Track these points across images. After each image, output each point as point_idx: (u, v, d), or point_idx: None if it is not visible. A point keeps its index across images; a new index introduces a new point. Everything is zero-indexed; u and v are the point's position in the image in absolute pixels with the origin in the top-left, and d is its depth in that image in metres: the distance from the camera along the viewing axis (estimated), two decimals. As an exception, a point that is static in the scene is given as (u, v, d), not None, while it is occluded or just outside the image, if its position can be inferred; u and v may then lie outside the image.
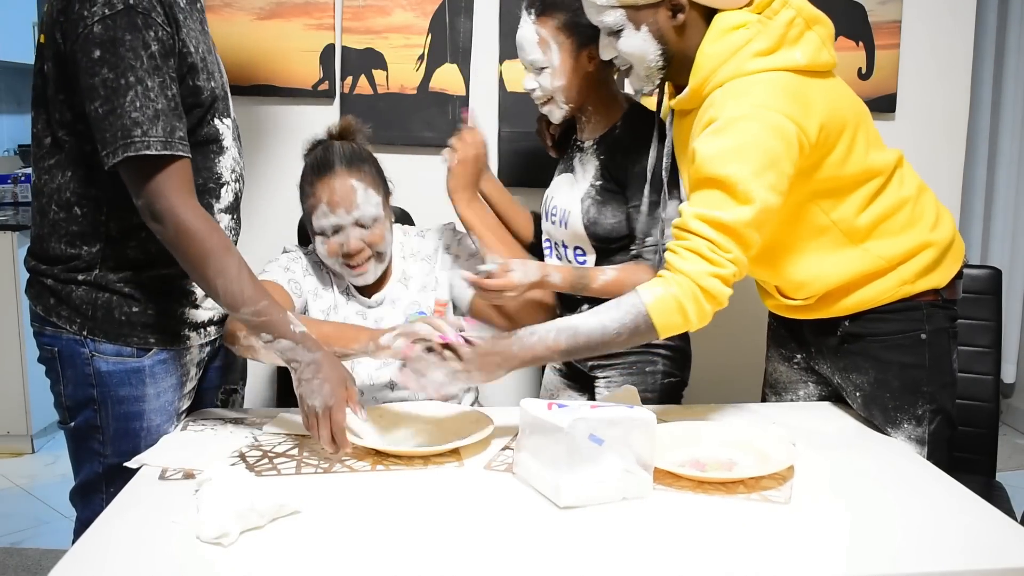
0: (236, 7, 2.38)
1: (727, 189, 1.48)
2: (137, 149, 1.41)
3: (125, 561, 1.18)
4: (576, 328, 1.52)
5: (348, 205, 1.76)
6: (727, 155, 1.48)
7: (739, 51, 1.53)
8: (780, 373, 1.90)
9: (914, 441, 1.66)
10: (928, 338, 1.66)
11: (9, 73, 4.38)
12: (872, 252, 1.63)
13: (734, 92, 1.52)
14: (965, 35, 2.63)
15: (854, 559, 1.22)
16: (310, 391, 1.49)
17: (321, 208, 1.77)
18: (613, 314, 1.51)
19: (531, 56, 1.83)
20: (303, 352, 1.50)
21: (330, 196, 1.76)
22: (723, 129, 1.49)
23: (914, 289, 1.65)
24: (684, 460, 1.47)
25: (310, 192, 1.80)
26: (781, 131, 1.48)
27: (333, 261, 1.81)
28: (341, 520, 1.31)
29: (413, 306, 1.90)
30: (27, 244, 1.71)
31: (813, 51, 1.55)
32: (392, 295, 1.90)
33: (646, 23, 1.58)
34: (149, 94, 1.43)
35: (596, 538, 1.26)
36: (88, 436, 1.61)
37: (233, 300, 1.48)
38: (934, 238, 1.66)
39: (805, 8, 1.57)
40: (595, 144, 1.90)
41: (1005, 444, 3.29)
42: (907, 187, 1.67)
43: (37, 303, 1.61)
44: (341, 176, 1.78)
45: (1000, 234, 4.01)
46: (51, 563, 1.17)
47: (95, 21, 1.41)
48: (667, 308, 1.49)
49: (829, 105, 1.55)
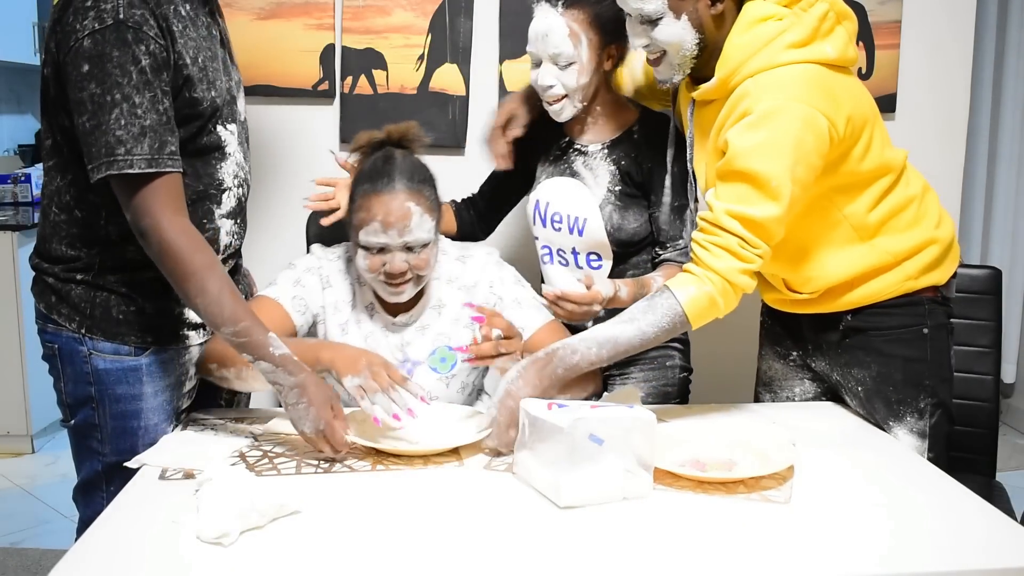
0: (236, 7, 2.38)
1: (759, 185, 1.50)
2: (119, 168, 1.42)
3: (125, 561, 1.19)
4: (616, 339, 1.54)
5: (401, 229, 1.65)
6: (761, 150, 1.49)
7: (772, 42, 1.53)
8: (775, 371, 1.90)
9: (916, 434, 1.68)
10: (930, 333, 1.68)
11: (9, 73, 4.37)
12: (879, 248, 1.65)
13: (768, 84, 1.52)
14: (965, 35, 2.62)
15: (854, 559, 1.22)
16: (298, 416, 1.49)
17: (373, 225, 1.65)
18: (651, 318, 1.54)
19: (558, 49, 1.76)
20: (284, 375, 1.49)
21: (385, 216, 1.65)
22: (758, 123, 1.50)
23: (917, 285, 1.67)
24: (684, 460, 1.48)
25: (363, 204, 1.67)
26: (814, 125, 1.50)
27: (372, 277, 1.71)
28: (341, 520, 1.31)
29: (441, 338, 1.80)
30: (27, 244, 1.71)
31: (842, 46, 1.56)
32: (424, 321, 1.81)
33: (686, 11, 1.58)
34: (136, 110, 1.42)
35: (596, 538, 1.26)
36: (87, 434, 1.62)
37: (213, 319, 1.48)
38: (938, 235, 1.68)
39: (837, 3, 1.58)
40: (606, 148, 1.88)
41: (1005, 444, 3.29)
42: (913, 186, 1.69)
43: (40, 301, 1.62)
44: (400, 197, 1.66)
45: (1000, 234, 4.01)
46: (51, 563, 1.17)
47: (85, 35, 1.41)
48: (702, 306, 1.53)
49: (853, 100, 1.57)
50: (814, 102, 1.50)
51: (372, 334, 1.80)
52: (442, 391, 1.81)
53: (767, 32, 1.54)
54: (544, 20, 1.77)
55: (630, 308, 1.58)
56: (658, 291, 1.57)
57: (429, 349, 1.79)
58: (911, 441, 1.68)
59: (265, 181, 2.44)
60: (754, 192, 1.51)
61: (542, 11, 1.79)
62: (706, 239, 1.55)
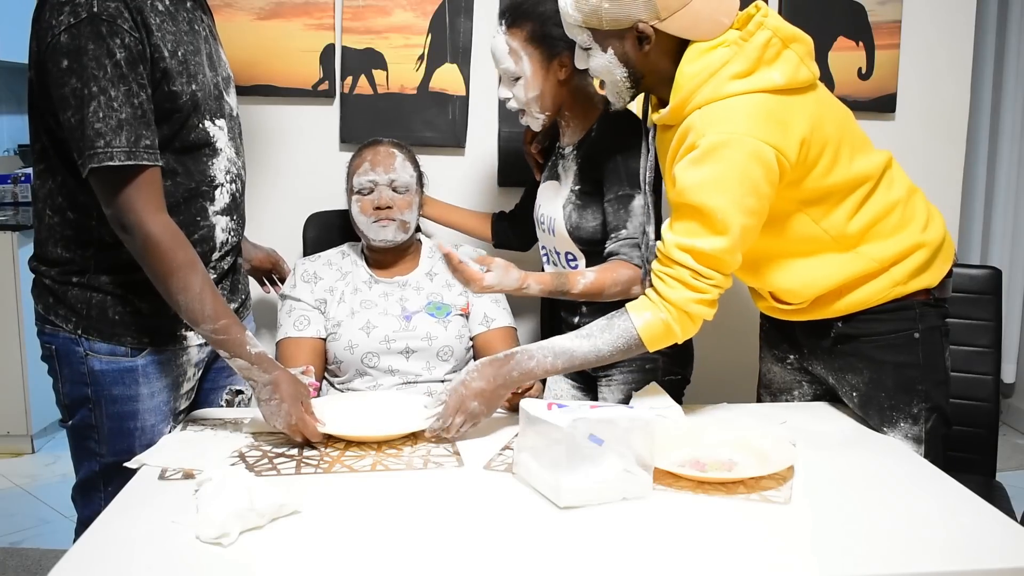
0: (236, 7, 2.38)
1: (705, 219, 1.52)
2: (100, 160, 1.42)
3: (125, 561, 1.18)
4: (572, 352, 1.61)
5: (387, 167, 2.06)
6: (706, 185, 1.51)
7: (716, 73, 1.52)
8: (774, 374, 1.90)
9: (911, 440, 1.67)
10: (921, 337, 1.67)
11: (9, 73, 4.37)
12: (864, 255, 1.64)
13: (712, 118, 1.52)
14: (965, 35, 2.62)
15: (854, 559, 1.22)
16: (270, 412, 1.54)
17: (363, 167, 2.07)
18: (607, 337, 1.60)
19: (503, 66, 1.87)
20: (259, 373, 1.54)
21: (373, 157, 2.08)
22: (703, 158, 1.51)
23: (906, 289, 1.66)
24: (684, 460, 1.48)
25: (355, 159, 2.11)
26: (759, 157, 1.50)
27: (364, 220, 2.06)
28: (341, 520, 1.31)
29: (435, 296, 2.11)
30: (27, 244, 1.72)
31: (792, 70, 1.55)
32: (416, 282, 2.13)
33: (611, 47, 1.60)
34: (112, 103, 1.42)
35: (596, 538, 1.26)
36: (85, 435, 1.62)
37: (194, 316, 1.50)
38: (926, 239, 1.67)
39: (781, 28, 1.56)
40: (574, 149, 1.93)
41: (1005, 444, 3.29)
42: (896, 189, 1.67)
43: (38, 302, 1.62)
44: (386, 145, 2.11)
45: (1000, 234, 4.01)
46: (51, 563, 1.17)
47: (62, 30, 1.42)
48: (656, 330, 1.59)
49: (810, 121, 1.56)
50: (759, 133, 1.50)
51: (371, 300, 2.09)
52: (441, 333, 2.07)
53: (712, 62, 1.54)
54: (493, 40, 1.89)
55: (591, 324, 1.62)
56: (618, 312, 1.61)
57: (424, 302, 2.10)
58: (909, 448, 1.66)
59: (265, 181, 2.44)
60: (701, 226, 1.53)
61: (495, 31, 1.89)
62: (661, 270, 1.58)
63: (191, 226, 1.60)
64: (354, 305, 2.08)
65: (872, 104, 2.60)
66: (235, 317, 1.54)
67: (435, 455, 1.54)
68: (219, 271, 1.70)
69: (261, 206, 2.41)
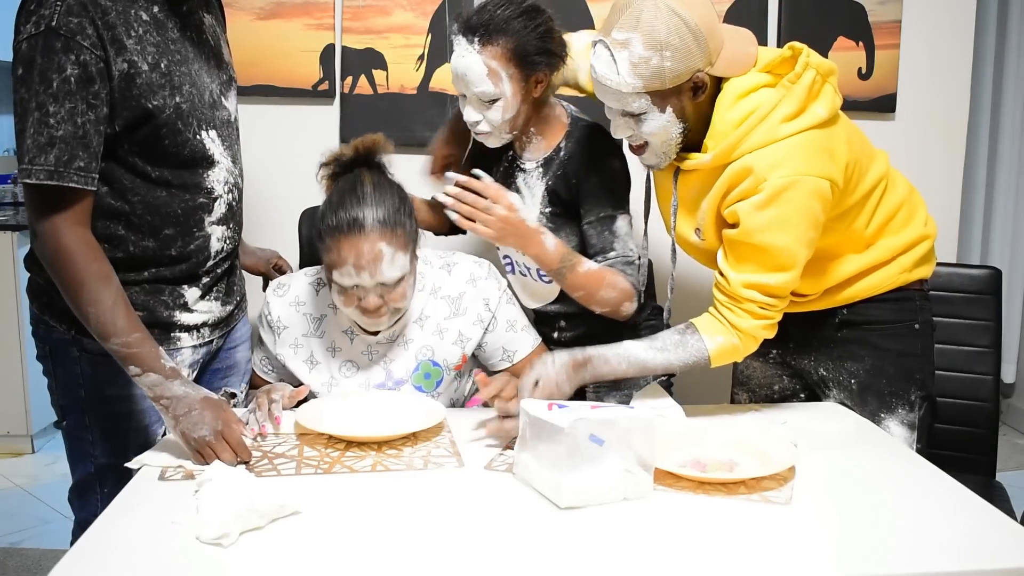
0: (236, 7, 2.38)
1: (772, 258, 1.57)
2: (23, 176, 1.41)
3: (125, 561, 1.18)
4: (645, 363, 1.65)
5: (373, 270, 1.59)
6: (772, 227, 1.55)
7: (767, 117, 1.54)
8: (753, 369, 1.94)
9: (906, 426, 1.74)
10: (920, 328, 1.76)
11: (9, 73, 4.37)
12: (880, 247, 1.71)
13: (772, 161, 1.54)
14: (965, 35, 2.63)
15: (854, 559, 1.22)
16: (191, 424, 1.45)
17: (345, 268, 1.59)
18: (680, 354, 1.64)
19: (480, 88, 1.70)
20: (175, 387, 1.46)
21: (356, 259, 1.58)
22: (768, 202, 1.54)
23: (910, 277, 1.74)
24: (685, 460, 1.48)
25: (333, 245, 1.60)
26: (819, 193, 1.55)
27: (350, 311, 1.66)
28: (341, 520, 1.31)
29: (425, 351, 1.77)
30: (27, 244, 1.72)
31: (831, 102, 1.59)
32: (406, 335, 1.77)
33: (670, 104, 1.57)
34: (48, 119, 1.39)
35: (596, 538, 1.26)
36: (79, 436, 1.62)
37: (104, 330, 1.45)
38: (928, 231, 1.76)
39: (821, 64, 1.58)
40: (540, 167, 1.86)
41: (1005, 444, 3.29)
42: (900, 188, 1.75)
43: (34, 302, 1.62)
44: (371, 238, 1.58)
45: (1000, 234, 4.01)
46: (51, 563, 1.17)
47: (24, 39, 1.41)
48: (727, 352, 1.65)
49: (847, 144, 1.61)
50: (815, 170, 1.54)
51: (353, 359, 1.77)
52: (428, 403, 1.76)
53: (759, 107, 1.55)
54: (461, 59, 1.70)
55: (662, 338, 1.65)
56: (690, 330, 1.64)
57: (413, 365, 1.76)
58: (901, 433, 1.74)
59: (265, 181, 2.44)
60: (768, 264, 1.58)
61: (459, 48, 1.71)
62: (728, 302, 1.63)
63: (187, 237, 1.60)
64: (332, 370, 1.77)
65: (872, 104, 2.60)
66: (148, 334, 1.48)
67: (435, 455, 1.54)
68: (213, 276, 1.69)
69: (261, 207, 2.41)
